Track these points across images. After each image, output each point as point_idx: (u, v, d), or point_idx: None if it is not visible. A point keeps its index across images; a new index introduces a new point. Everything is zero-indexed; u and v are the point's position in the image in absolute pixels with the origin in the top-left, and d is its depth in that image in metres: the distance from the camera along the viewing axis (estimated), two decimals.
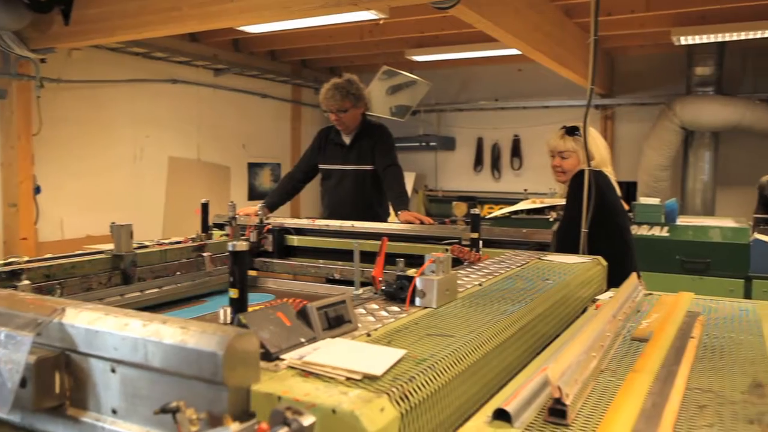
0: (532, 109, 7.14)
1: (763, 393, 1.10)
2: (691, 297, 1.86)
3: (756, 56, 6.09)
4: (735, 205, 5.87)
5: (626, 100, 6.76)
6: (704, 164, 6.08)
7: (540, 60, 4.61)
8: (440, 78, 7.38)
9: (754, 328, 1.56)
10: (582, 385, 1.05)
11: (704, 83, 5.96)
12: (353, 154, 3.87)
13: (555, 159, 3.07)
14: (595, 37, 2.46)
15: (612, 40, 6.11)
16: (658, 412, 0.98)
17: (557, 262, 2.02)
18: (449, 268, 1.39)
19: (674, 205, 4.68)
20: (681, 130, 5.95)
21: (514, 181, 7.37)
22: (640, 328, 1.48)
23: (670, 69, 6.47)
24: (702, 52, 5.89)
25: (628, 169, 6.51)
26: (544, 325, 1.49)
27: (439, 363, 0.99)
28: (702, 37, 5.18)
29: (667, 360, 1.24)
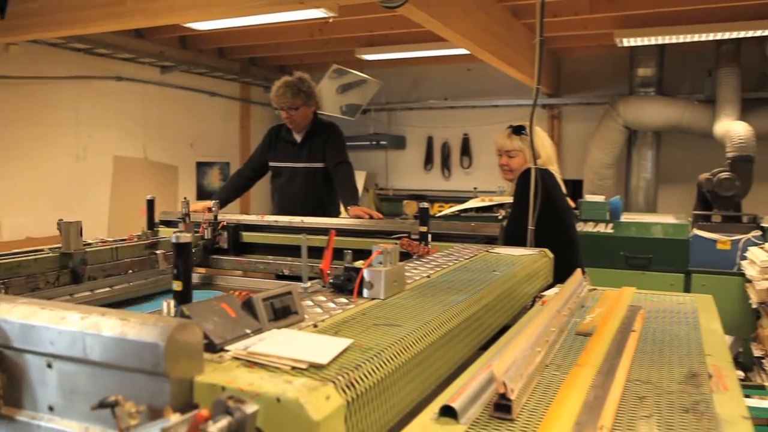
0: (481, 108, 7.23)
1: (698, 383, 1.14)
2: (633, 291, 1.91)
3: (694, 58, 6.29)
4: (676, 201, 6.06)
5: (572, 100, 6.91)
6: (647, 162, 6.25)
7: (488, 60, 4.67)
8: (390, 77, 7.41)
9: (691, 320, 1.61)
10: (527, 379, 1.07)
11: (646, 84, 6.13)
12: (304, 152, 3.86)
13: (502, 158, 3.12)
14: (540, 38, 2.51)
15: (558, 41, 6.23)
16: (599, 404, 1.00)
17: (505, 254, 2.06)
18: (396, 259, 1.40)
19: (618, 203, 4.81)
20: (624, 129, 6.11)
21: (464, 180, 7.44)
22: (584, 322, 1.52)
23: (613, 70, 6.64)
24: (644, 53, 6.06)
25: (575, 167, 6.65)
26: (491, 315, 1.51)
27: (385, 352, 1.00)
28: (643, 39, 5.32)
29: (609, 353, 1.27)
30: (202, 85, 7.04)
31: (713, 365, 1.24)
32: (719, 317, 1.67)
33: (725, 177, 4.57)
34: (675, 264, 4.40)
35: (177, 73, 6.64)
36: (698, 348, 1.37)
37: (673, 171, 6.32)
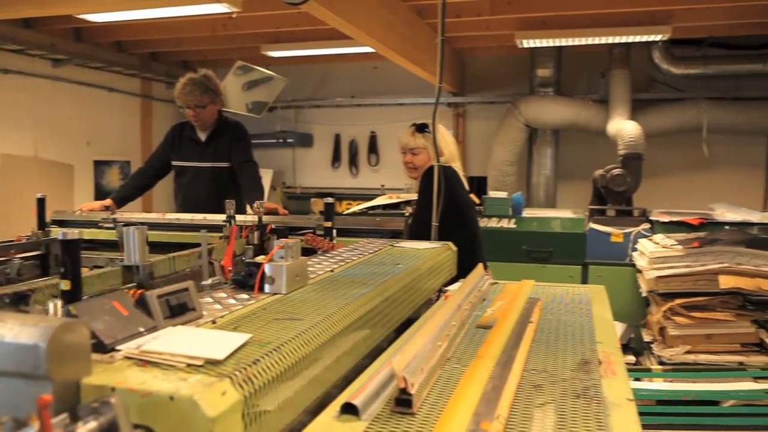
0: (388, 106, 7.29)
1: (589, 369, 1.19)
2: (532, 284, 1.98)
3: (590, 60, 6.59)
4: (574, 197, 6.33)
5: (476, 99, 7.08)
6: (546, 160, 6.50)
7: (393, 58, 4.72)
8: (297, 74, 7.35)
9: (584, 310, 1.69)
10: (428, 373, 1.08)
11: (545, 84, 6.36)
12: (209, 151, 3.77)
13: (406, 156, 3.16)
14: (442, 38, 2.55)
15: (461, 41, 6.37)
16: (497, 395, 1.03)
17: (409, 248, 2.08)
18: (299, 253, 1.39)
19: (520, 199, 4.98)
20: (526, 127, 6.33)
21: (371, 177, 7.49)
22: (485, 315, 1.56)
23: (515, 70, 6.85)
24: (543, 55, 6.29)
25: (479, 164, 6.83)
26: (395, 307, 1.52)
27: (285, 346, 0.98)
28: (542, 41, 5.53)
29: (507, 345, 1.31)
30: (99, 80, 6.72)
31: (603, 352, 1.30)
32: (613, 306, 1.76)
33: (617, 173, 4.82)
34: (573, 256, 4.60)
35: (71, 67, 6.31)
36: (590, 336, 1.43)
37: (571, 168, 6.60)
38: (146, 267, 1.50)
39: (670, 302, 3.71)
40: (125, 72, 6.99)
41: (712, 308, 3.67)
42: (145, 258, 1.53)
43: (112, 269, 1.63)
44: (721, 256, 3.68)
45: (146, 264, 1.51)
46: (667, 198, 5.99)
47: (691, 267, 3.70)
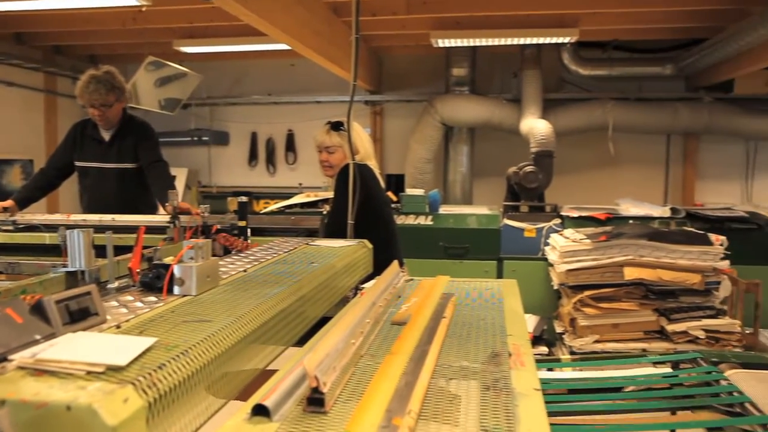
0: (305, 104, 7.25)
1: (499, 362, 1.22)
2: (447, 280, 2.01)
3: (503, 61, 6.76)
4: (489, 194, 6.49)
5: (393, 97, 7.14)
6: (462, 157, 6.62)
7: (309, 56, 4.69)
8: (212, 71, 7.19)
9: (497, 304, 1.73)
10: (341, 372, 1.08)
11: (460, 83, 6.48)
12: (113, 152, 3.63)
13: (322, 154, 3.16)
14: (356, 36, 2.56)
15: (378, 40, 6.40)
16: (410, 390, 1.04)
17: (324, 246, 2.07)
18: (209, 254, 1.36)
19: (437, 196, 5.05)
20: (442, 125, 6.43)
21: (289, 176, 7.42)
22: (400, 312, 1.57)
23: (431, 69, 6.94)
24: (458, 54, 6.41)
25: (397, 162, 6.89)
26: (310, 306, 1.52)
27: (193, 349, 0.96)
28: (457, 40, 5.63)
29: (421, 340, 1.33)
30: None
31: (513, 344, 1.34)
32: (527, 299, 1.82)
33: (530, 170, 4.97)
34: (488, 252, 4.71)
35: None
36: (501, 329, 1.47)
37: (486, 165, 6.76)
38: (93, 272, 1.42)
39: (580, 294, 3.85)
40: (27, 66, 6.63)
41: (618, 299, 3.84)
42: (92, 263, 1.44)
43: (54, 275, 1.53)
44: (625, 249, 3.85)
45: (93, 269, 1.42)
46: (577, 194, 6.22)
47: (598, 260, 3.86)
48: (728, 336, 3.73)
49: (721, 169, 6.76)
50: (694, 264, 3.81)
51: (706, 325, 3.72)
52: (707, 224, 4.62)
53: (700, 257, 3.83)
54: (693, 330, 3.70)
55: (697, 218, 4.77)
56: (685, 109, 6.25)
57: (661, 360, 2.02)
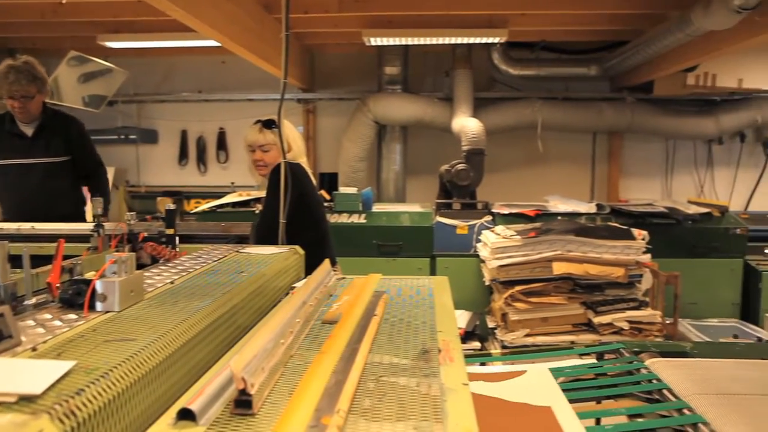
0: (237, 102, 7.13)
1: (429, 358, 1.24)
2: (379, 278, 2.02)
3: (435, 60, 6.83)
4: (422, 191, 6.55)
5: (326, 95, 7.10)
6: (395, 155, 6.66)
7: (240, 53, 4.61)
8: (139, 67, 6.98)
9: (427, 301, 1.74)
10: (269, 372, 1.07)
11: (393, 82, 6.51)
12: (40, 146, 3.49)
13: (256, 153, 3.11)
14: (287, 33, 2.53)
15: (311, 37, 6.36)
16: (339, 389, 1.04)
17: (255, 254, 2.04)
18: (133, 267, 1.31)
19: (370, 194, 5.07)
20: (374, 124, 6.44)
21: (221, 175, 7.29)
22: (331, 311, 1.57)
23: (364, 67, 6.94)
24: (391, 53, 6.43)
25: (330, 160, 6.86)
26: (240, 316, 1.49)
27: (114, 371, 0.93)
28: (389, 39, 5.64)
29: (352, 339, 1.33)
30: None
31: (443, 340, 1.36)
32: (459, 295, 1.84)
33: (461, 168, 5.04)
34: (422, 249, 4.76)
35: None
36: (431, 326, 1.48)
37: (419, 163, 6.81)
38: (8, 288, 1.33)
39: (511, 289, 3.94)
40: None
41: (547, 293, 3.95)
42: (6, 277, 1.35)
43: None
44: (554, 244, 3.96)
45: (8, 284, 1.33)
46: (507, 191, 6.35)
47: (528, 255, 3.96)
48: (650, 326, 3.88)
49: (644, 167, 7.03)
50: (618, 258, 3.96)
51: (629, 316, 3.87)
52: (630, 219, 4.81)
53: (624, 251, 3.98)
54: (618, 321, 3.84)
55: (621, 214, 4.95)
56: (609, 108, 6.46)
57: (586, 352, 2.09)
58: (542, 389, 1.69)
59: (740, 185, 6.94)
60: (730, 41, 4.41)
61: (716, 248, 4.95)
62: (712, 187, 6.98)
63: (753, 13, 3.71)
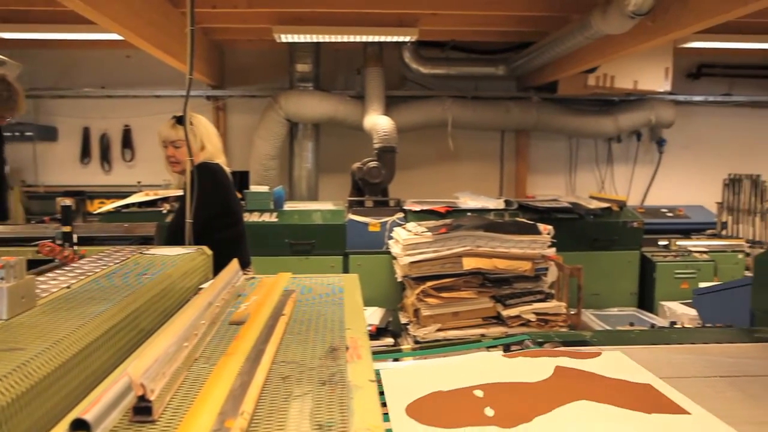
0: (143, 98, 6.88)
1: (337, 356, 1.24)
2: (288, 277, 2.00)
3: (347, 57, 6.83)
4: (335, 189, 6.54)
5: (237, 92, 6.97)
6: (308, 153, 6.62)
7: (144, 47, 4.46)
8: (36, 60, 6.63)
9: (337, 299, 1.75)
10: (171, 377, 1.04)
11: (305, 79, 6.47)
12: None
13: (168, 149, 3.04)
14: (191, 28, 2.47)
15: (220, 33, 6.23)
16: (244, 391, 1.02)
17: (160, 255, 1.98)
18: (23, 273, 1.24)
19: (281, 192, 5.02)
20: (286, 122, 6.38)
21: (126, 174, 7.02)
22: (238, 311, 1.54)
23: (275, 64, 6.86)
24: (302, 50, 6.38)
25: (241, 158, 6.74)
26: (143, 320, 1.44)
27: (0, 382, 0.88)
28: (300, 36, 5.60)
29: (259, 339, 1.31)
30: None
31: (351, 338, 1.36)
32: (373, 292, 1.85)
33: (373, 166, 5.07)
34: (334, 247, 4.76)
35: None
36: (340, 324, 1.49)
37: (331, 161, 6.80)
38: None
39: (422, 285, 4.00)
40: None
41: (457, 288, 4.03)
42: None
43: None
44: (464, 240, 4.05)
45: None
46: (419, 188, 6.45)
47: (439, 251, 4.03)
48: (555, 317, 4.04)
49: (549, 164, 7.30)
50: (525, 252, 4.09)
51: (536, 308, 4.01)
52: (537, 215, 4.98)
53: (531, 245, 4.11)
54: (525, 314, 3.97)
55: (528, 209, 5.12)
56: (516, 107, 6.67)
57: (494, 344, 2.14)
58: (629, 368, 1.70)
59: (637, 181, 7.33)
60: (626, 45, 4.64)
61: (616, 241, 5.21)
62: (612, 183, 7.33)
63: (646, 18, 3.92)
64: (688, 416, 1.42)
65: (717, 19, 3.64)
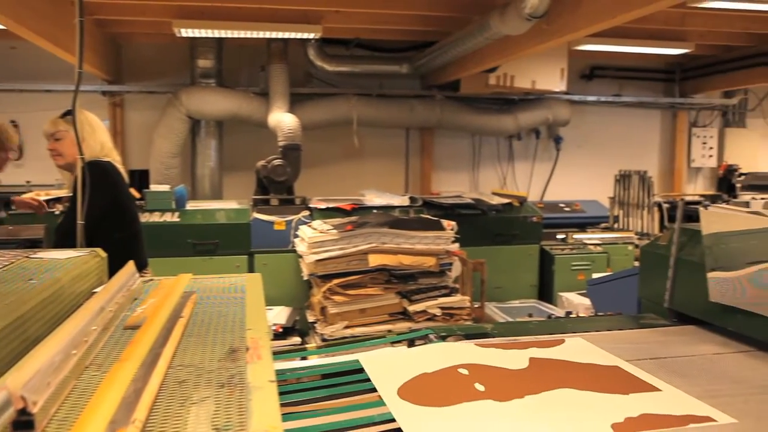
0: (32, 93, 6.49)
1: (237, 357, 1.22)
2: (189, 278, 1.95)
3: (250, 53, 6.71)
4: (240, 188, 6.41)
5: (135, 88, 6.70)
6: (211, 151, 6.45)
7: (30, 38, 4.20)
8: None
9: (238, 299, 1.71)
10: (58, 387, 0.99)
11: (207, 75, 6.30)
12: None
13: (50, 142, 2.93)
14: (80, 19, 2.36)
15: (116, 26, 5.97)
16: (138, 398, 0.98)
17: (49, 259, 1.87)
18: None
19: (183, 191, 4.88)
20: (188, 119, 6.19)
21: (14, 173, 6.57)
22: (134, 315, 1.49)
23: (176, 59, 6.65)
24: (204, 45, 6.22)
25: (140, 156, 6.49)
26: (30, 327, 1.36)
27: None
28: (201, 31, 5.45)
29: (155, 344, 1.27)
30: None
31: (252, 338, 1.34)
32: (279, 291, 1.83)
33: (278, 164, 5.02)
34: (239, 247, 4.67)
35: None
36: (241, 324, 1.46)
37: (236, 159, 6.66)
38: None
39: (329, 283, 4.00)
40: None
41: (364, 285, 4.05)
42: None
43: None
44: (369, 237, 4.08)
45: None
46: (325, 186, 6.43)
47: (345, 249, 4.04)
48: (460, 311, 4.14)
49: (453, 161, 7.46)
50: (429, 248, 4.16)
51: (441, 303, 4.09)
52: (441, 211, 5.08)
53: (435, 241, 4.19)
54: (431, 309, 4.04)
55: (432, 206, 5.22)
56: (420, 105, 6.77)
57: (398, 339, 2.17)
58: (594, 353, 1.81)
59: (537, 177, 7.62)
60: (523, 46, 4.80)
61: (517, 236, 5.39)
62: (513, 179, 7.58)
63: (541, 21, 4.08)
64: (660, 393, 1.53)
65: (605, 23, 3.84)
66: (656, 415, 1.39)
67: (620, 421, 1.36)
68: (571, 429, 1.33)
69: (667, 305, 2.25)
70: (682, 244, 2.22)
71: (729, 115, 8.14)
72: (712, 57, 7.13)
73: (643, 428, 1.33)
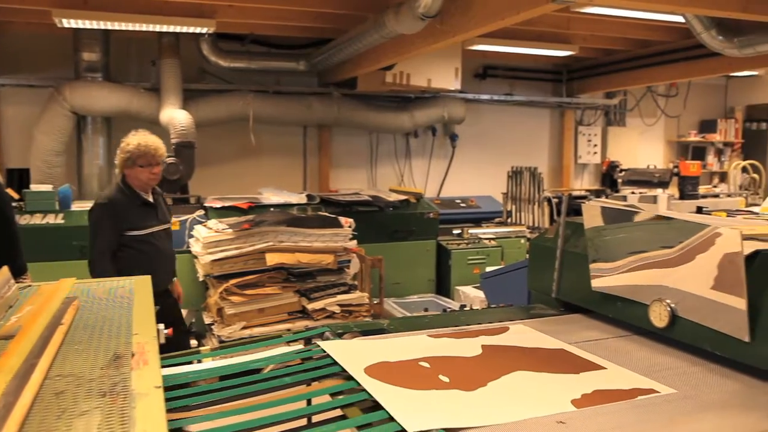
0: None
1: (120, 364, 1.17)
2: (72, 282, 1.85)
3: (140, 47, 6.44)
4: None
5: (12, 81, 6.28)
6: (99, 149, 6.14)
7: None
8: None
9: (126, 303, 1.65)
10: None
11: (93, 69, 6.00)
12: None
13: None
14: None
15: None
16: (8, 413, 0.93)
17: None
18: None
19: (68, 191, 4.64)
20: (72, 114, 5.87)
21: None
22: (7, 324, 1.40)
23: (59, 51, 6.28)
24: (89, 37, 5.90)
25: (20, 155, 6.10)
26: None
27: None
28: (84, 22, 5.18)
29: (31, 354, 1.20)
30: None
31: (138, 343, 1.29)
32: None
33: (171, 162, 4.86)
34: None
35: None
36: (128, 329, 1.41)
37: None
38: None
39: (225, 283, 3.92)
40: None
41: (262, 284, 4.00)
42: None
43: None
44: (266, 236, 4.03)
45: None
46: (221, 184, 6.28)
47: (241, 248, 3.97)
48: (359, 308, 4.16)
49: (351, 158, 7.48)
50: (327, 245, 4.16)
51: (340, 300, 4.10)
52: (339, 208, 5.09)
53: (333, 239, 4.20)
54: (330, 306, 4.05)
55: (330, 203, 5.22)
56: (317, 103, 6.74)
57: (294, 338, 2.15)
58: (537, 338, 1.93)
59: (433, 174, 7.77)
60: (418, 45, 4.88)
61: (414, 231, 5.49)
62: (410, 176, 7.70)
63: (435, 21, 4.16)
64: (606, 371, 1.65)
65: (495, 24, 3.97)
66: (608, 390, 1.52)
67: (578, 398, 1.47)
68: (539, 408, 1.42)
69: (554, 295, 2.36)
70: (567, 237, 2.33)
71: (611, 114, 8.63)
72: (595, 59, 7.55)
73: (599, 402, 1.45)
